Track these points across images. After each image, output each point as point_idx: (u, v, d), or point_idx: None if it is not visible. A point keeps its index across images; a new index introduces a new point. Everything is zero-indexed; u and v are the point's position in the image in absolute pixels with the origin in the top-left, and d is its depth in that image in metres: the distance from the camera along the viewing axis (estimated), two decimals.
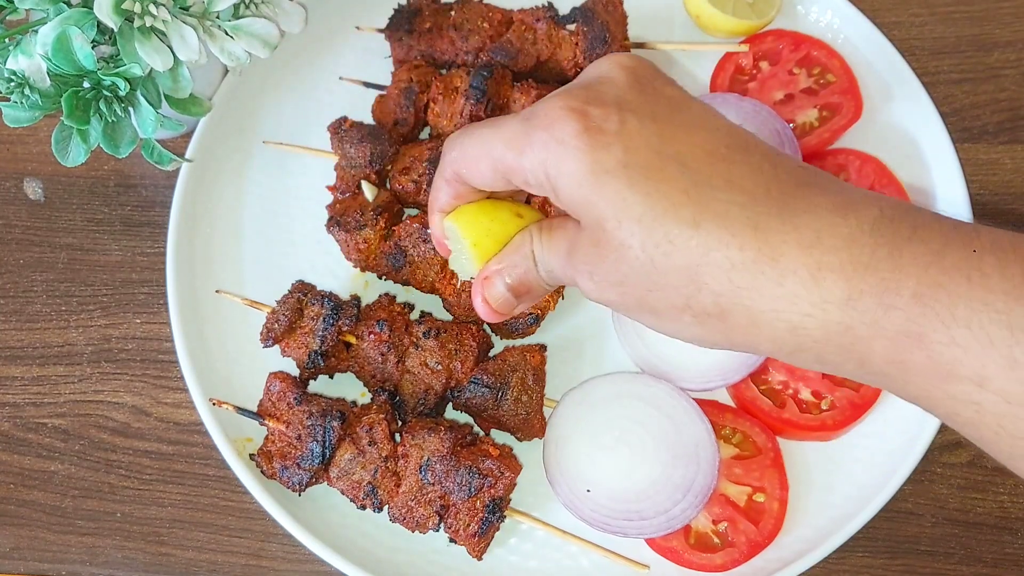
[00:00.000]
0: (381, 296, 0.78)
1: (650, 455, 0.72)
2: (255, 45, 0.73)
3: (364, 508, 0.71)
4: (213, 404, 0.75)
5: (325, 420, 0.70)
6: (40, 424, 0.81)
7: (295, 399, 0.72)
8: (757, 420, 0.74)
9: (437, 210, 0.57)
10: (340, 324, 0.73)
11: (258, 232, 0.84)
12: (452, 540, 0.70)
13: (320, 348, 0.73)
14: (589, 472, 0.72)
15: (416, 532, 0.70)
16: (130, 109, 0.70)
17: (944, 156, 0.81)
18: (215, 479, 0.79)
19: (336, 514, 0.74)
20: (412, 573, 0.73)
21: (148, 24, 0.66)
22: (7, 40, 0.68)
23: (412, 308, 0.78)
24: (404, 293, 0.81)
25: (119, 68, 0.67)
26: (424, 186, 0.78)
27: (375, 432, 0.71)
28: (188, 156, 0.82)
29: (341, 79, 0.87)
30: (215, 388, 0.76)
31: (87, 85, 0.68)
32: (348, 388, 0.77)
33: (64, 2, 0.66)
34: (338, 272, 0.82)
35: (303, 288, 0.77)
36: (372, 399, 0.75)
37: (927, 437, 0.72)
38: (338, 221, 0.78)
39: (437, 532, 0.70)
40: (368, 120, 0.84)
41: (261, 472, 0.72)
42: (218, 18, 0.71)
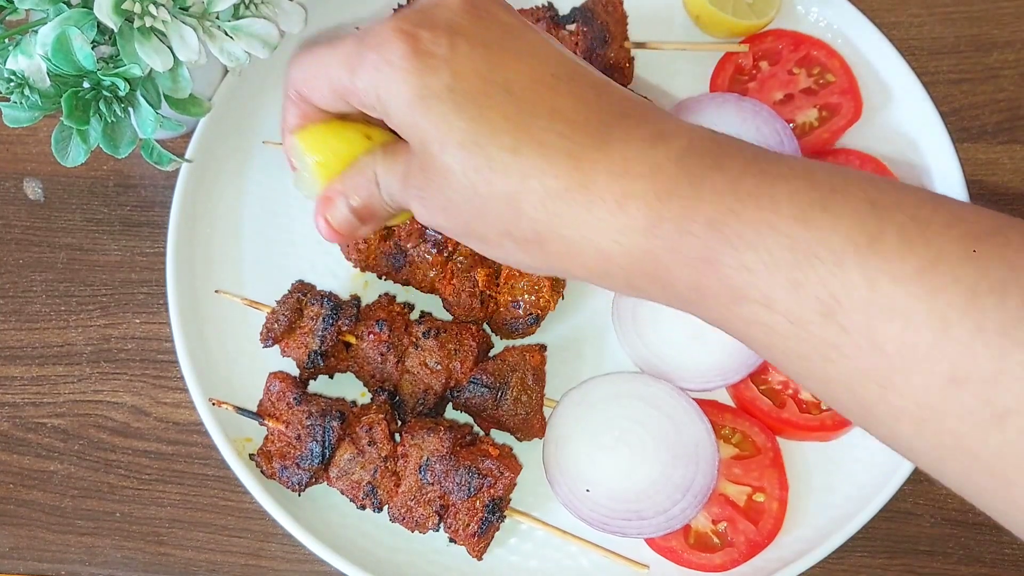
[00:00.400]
0: (381, 296, 0.78)
1: (650, 455, 0.72)
2: (255, 45, 0.73)
3: (364, 508, 0.71)
4: (213, 404, 0.75)
5: (325, 420, 0.70)
6: (39, 424, 0.81)
7: (295, 399, 0.72)
8: (757, 420, 0.74)
9: (286, 131, 0.57)
10: (340, 324, 0.73)
11: (258, 232, 0.84)
12: (452, 540, 0.70)
13: (320, 348, 0.73)
14: (589, 472, 0.72)
15: (416, 532, 0.70)
16: (130, 109, 0.70)
17: (943, 156, 0.81)
18: (214, 479, 0.79)
19: (336, 514, 0.74)
20: (412, 573, 0.73)
21: (148, 24, 0.66)
22: (7, 40, 0.68)
23: (412, 308, 0.78)
24: (404, 293, 0.81)
25: (119, 68, 0.67)
26: None
27: (375, 432, 0.71)
28: (188, 156, 0.82)
29: None
30: (215, 388, 0.76)
31: (87, 85, 0.68)
32: (348, 388, 0.77)
33: (64, 2, 0.66)
34: (338, 272, 0.82)
35: (303, 288, 0.77)
36: (372, 399, 0.75)
37: None
38: None
39: (437, 532, 0.70)
40: None
41: (261, 472, 0.72)
42: (218, 18, 0.71)
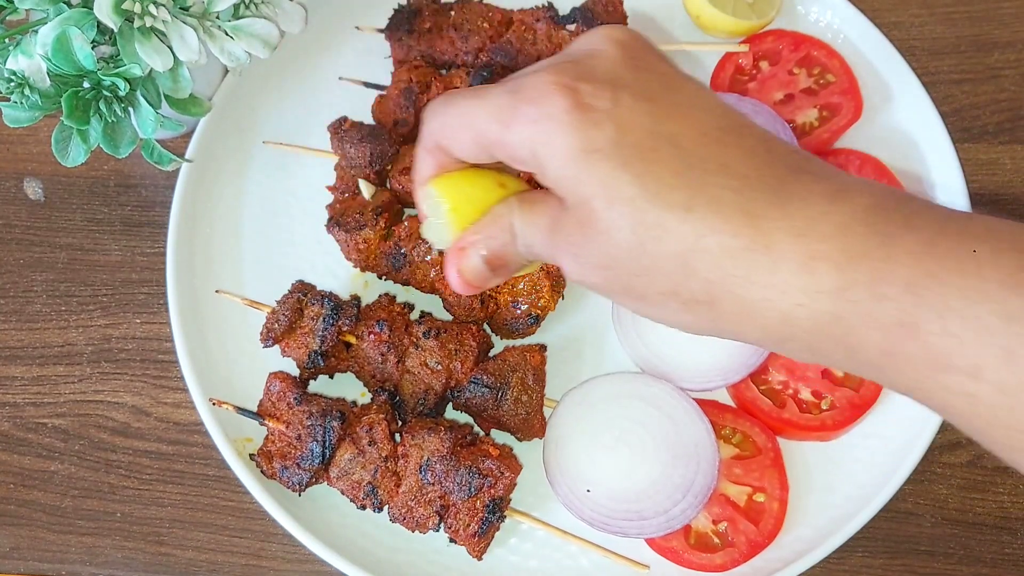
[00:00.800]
0: (381, 296, 0.78)
1: (650, 455, 0.72)
2: (255, 45, 0.73)
3: (364, 508, 0.71)
4: (213, 404, 0.75)
5: (325, 420, 0.70)
6: (40, 424, 0.81)
7: (295, 399, 0.72)
8: (757, 420, 0.74)
9: (420, 180, 0.55)
10: (340, 324, 0.73)
11: (258, 232, 0.84)
12: (452, 540, 0.70)
13: (320, 348, 0.73)
14: (589, 472, 0.72)
15: (416, 532, 0.70)
16: (130, 109, 0.70)
17: (944, 156, 0.81)
18: (215, 479, 0.79)
19: (336, 514, 0.74)
20: (412, 573, 0.73)
21: (148, 24, 0.66)
22: (7, 40, 0.68)
23: (412, 308, 0.78)
24: (404, 293, 0.81)
25: (119, 68, 0.67)
26: None
27: (375, 432, 0.71)
28: (188, 156, 0.82)
29: (341, 79, 0.87)
30: (215, 388, 0.76)
31: (87, 85, 0.68)
32: (348, 388, 0.77)
33: (64, 2, 0.66)
34: (338, 272, 0.82)
35: (303, 288, 0.77)
36: (372, 399, 0.75)
37: (927, 437, 0.72)
38: (338, 221, 0.78)
39: (437, 532, 0.70)
40: (368, 120, 0.84)
41: (261, 472, 0.72)
42: (218, 18, 0.71)
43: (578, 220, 0.46)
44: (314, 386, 0.78)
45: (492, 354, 0.77)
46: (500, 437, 0.75)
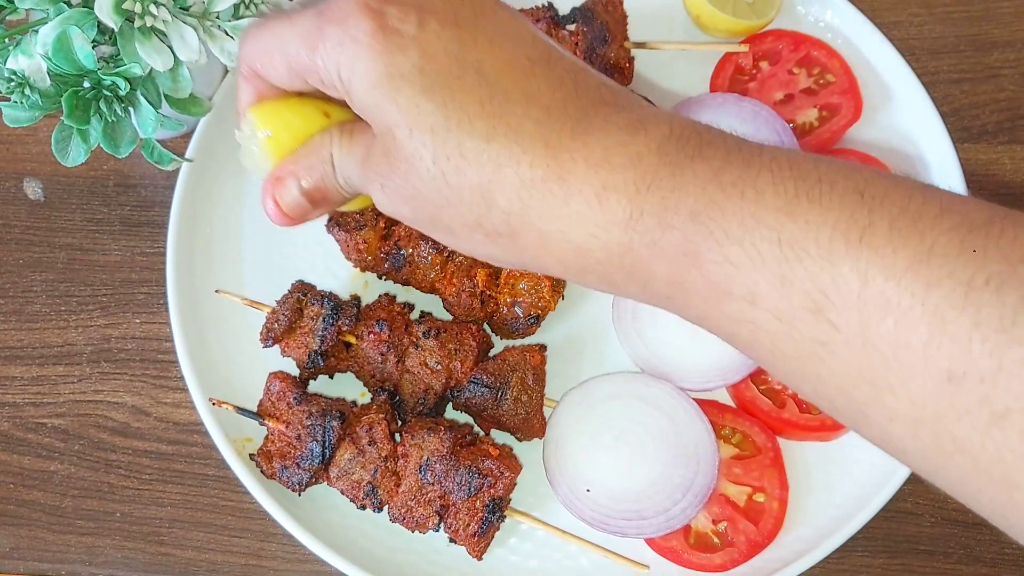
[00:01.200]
0: (381, 296, 0.78)
1: (650, 455, 0.72)
2: None
3: (364, 508, 0.71)
4: (213, 404, 0.75)
5: (325, 420, 0.70)
6: (40, 424, 0.81)
7: (295, 399, 0.72)
8: (757, 420, 0.74)
9: (239, 110, 0.54)
10: (340, 324, 0.73)
11: (258, 232, 0.84)
12: (452, 540, 0.70)
13: (320, 348, 0.73)
14: (589, 472, 0.72)
15: (416, 532, 0.70)
16: (130, 109, 0.70)
17: (944, 156, 0.81)
18: (215, 479, 0.79)
19: (336, 514, 0.74)
20: (412, 573, 0.73)
21: (148, 24, 0.66)
22: (7, 40, 0.68)
23: (412, 308, 0.78)
24: (404, 293, 0.81)
25: (119, 68, 0.67)
26: None
27: (375, 432, 0.71)
28: (188, 156, 0.82)
29: None
30: (215, 388, 0.76)
31: (87, 85, 0.68)
32: (348, 388, 0.77)
33: (64, 2, 0.66)
34: (338, 272, 0.82)
35: (303, 288, 0.77)
36: (372, 399, 0.75)
37: None
38: (338, 221, 0.78)
39: (437, 532, 0.70)
40: None
41: (261, 472, 0.72)
42: (218, 18, 0.71)
43: (384, 149, 0.45)
44: (314, 386, 0.78)
45: (492, 354, 0.77)
46: (500, 437, 0.75)
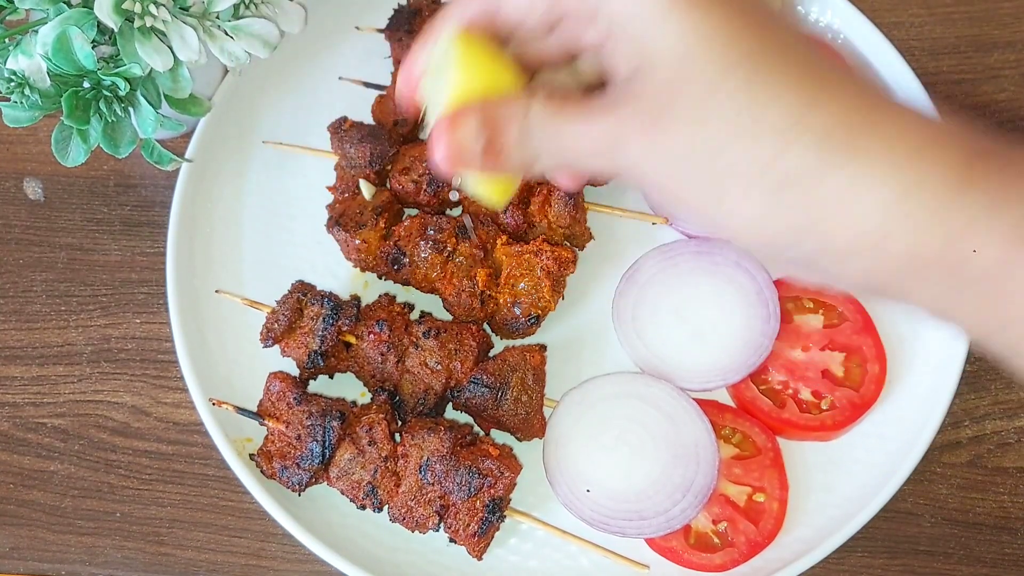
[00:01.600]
0: (381, 296, 0.78)
1: (650, 455, 0.72)
2: (255, 45, 0.73)
3: (364, 508, 0.71)
4: (213, 404, 0.75)
5: (325, 420, 0.70)
6: (40, 424, 0.81)
7: (295, 399, 0.72)
8: (757, 420, 0.74)
9: (443, 21, 0.49)
10: (340, 324, 0.73)
11: (258, 232, 0.84)
12: (452, 540, 0.70)
13: (320, 348, 0.73)
14: (589, 472, 0.72)
15: (416, 532, 0.70)
16: (130, 109, 0.70)
17: None
18: (215, 479, 0.79)
19: (336, 514, 0.74)
20: (412, 573, 0.73)
21: (148, 24, 0.66)
22: (7, 40, 0.68)
23: (412, 308, 0.78)
24: (404, 293, 0.81)
25: (119, 68, 0.67)
26: (424, 186, 0.78)
27: (375, 432, 0.71)
28: (188, 156, 0.82)
29: (341, 79, 0.87)
30: (215, 388, 0.76)
31: (87, 85, 0.68)
32: (348, 388, 0.77)
33: (64, 2, 0.66)
34: (338, 272, 0.82)
35: (303, 288, 0.77)
36: (372, 399, 0.75)
37: (927, 437, 0.72)
38: (338, 221, 0.78)
39: (437, 532, 0.70)
40: (368, 120, 0.84)
41: (261, 472, 0.72)
42: (218, 18, 0.71)
43: (665, 82, 0.41)
44: (314, 386, 0.78)
45: (492, 354, 0.77)
46: (500, 437, 0.75)
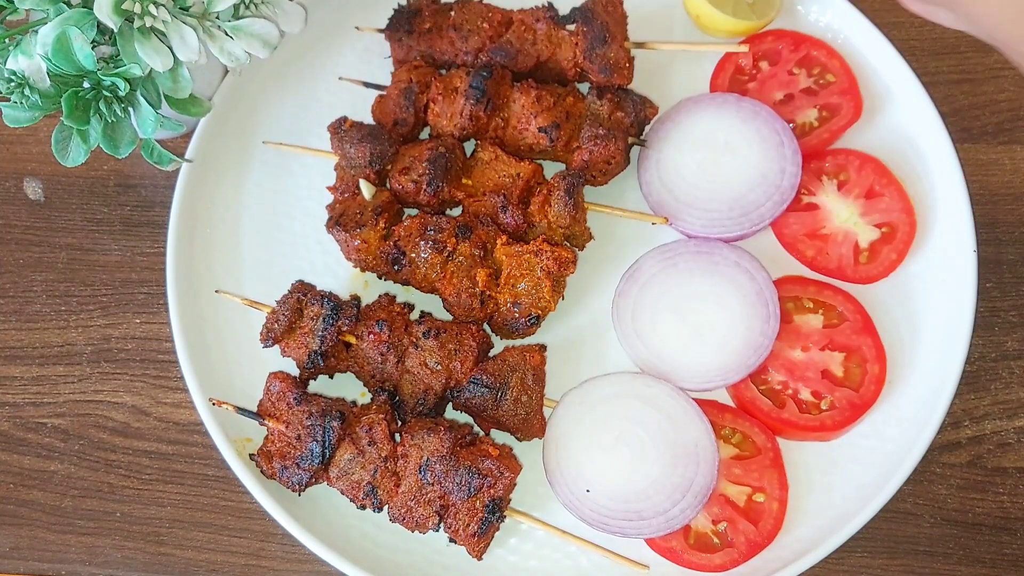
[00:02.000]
0: (381, 296, 0.78)
1: (650, 455, 0.72)
2: (255, 45, 0.73)
3: (364, 508, 0.71)
4: (213, 404, 0.75)
5: (325, 420, 0.70)
6: (40, 424, 0.81)
7: (295, 399, 0.72)
8: (757, 420, 0.74)
9: None
10: (340, 324, 0.73)
11: (258, 232, 0.84)
12: (452, 540, 0.70)
13: (320, 348, 0.73)
14: (589, 472, 0.72)
15: (416, 532, 0.70)
16: (130, 109, 0.70)
17: (944, 156, 0.81)
18: (215, 479, 0.79)
19: (336, 514, 0.74)
20: (412, 573, 0.73)
21: (148, 24, 0.66)
22: (7, 40, 0.68)
23: (412, 308, 0.78)
24: (404, 293, 0.81)
25: (119, 68, 0.67)
26: (424, 186, 0.78)
27: (375, 432, 0.71)
28: (188, 156, 0.82)
29: (341, 79, 0.87)
30: (215, 388, 0.76)
31: (87, 85, 0.68)
32: (348, 388, 0.77)
33: (64, 2, 0.66)
34: (338, 272, 0.82)
35: (303, 288, 0.77)
36: (372, 399, 0.75)
37: (927, 437, 0.72)
38: (338, 221, 0.78)
39: (437, 532, 0.70)
40: (368, 120, 0.84)
41: (261, 472, 0.73)
42: (218, 18, 0.71)
43: None
44: (314, 386, 0.78)
45: (492, 354, 0.77)
46: (500, 437, 0.75)
